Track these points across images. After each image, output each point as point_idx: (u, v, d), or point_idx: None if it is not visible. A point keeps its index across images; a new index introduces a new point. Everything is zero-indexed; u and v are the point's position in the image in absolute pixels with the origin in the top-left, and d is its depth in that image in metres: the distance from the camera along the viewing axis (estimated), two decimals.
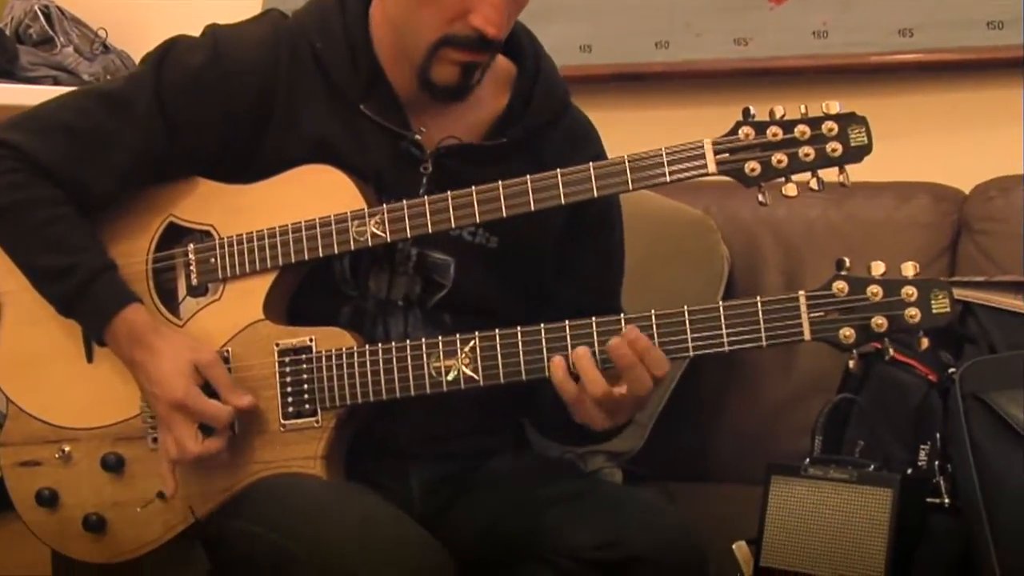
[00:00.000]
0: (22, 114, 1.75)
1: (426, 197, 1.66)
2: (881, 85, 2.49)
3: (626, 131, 1.91)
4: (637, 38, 2.62)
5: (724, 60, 2.57)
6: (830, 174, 1.57)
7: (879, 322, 1.49)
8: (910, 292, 1.48)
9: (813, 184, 1.57)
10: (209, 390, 1.68)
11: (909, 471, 1.78)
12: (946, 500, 1.78)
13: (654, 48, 2.62)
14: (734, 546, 1.78)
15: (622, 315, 1.58)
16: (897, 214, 2.33)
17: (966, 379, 1.78)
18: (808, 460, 1.78)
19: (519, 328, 1.61)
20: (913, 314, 1.48)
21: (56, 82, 2.68)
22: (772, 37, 2.54)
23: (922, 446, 1.83)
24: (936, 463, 1.81)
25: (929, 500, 1.78)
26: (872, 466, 1.73)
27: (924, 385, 1.87)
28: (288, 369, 1.69)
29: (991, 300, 1.97)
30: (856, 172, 1.57)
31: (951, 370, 1.83)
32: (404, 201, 1.66)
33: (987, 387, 1.76)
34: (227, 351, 1.71)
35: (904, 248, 2.28)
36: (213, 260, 1.73)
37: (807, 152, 1.55)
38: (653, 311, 1.56)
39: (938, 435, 1.82)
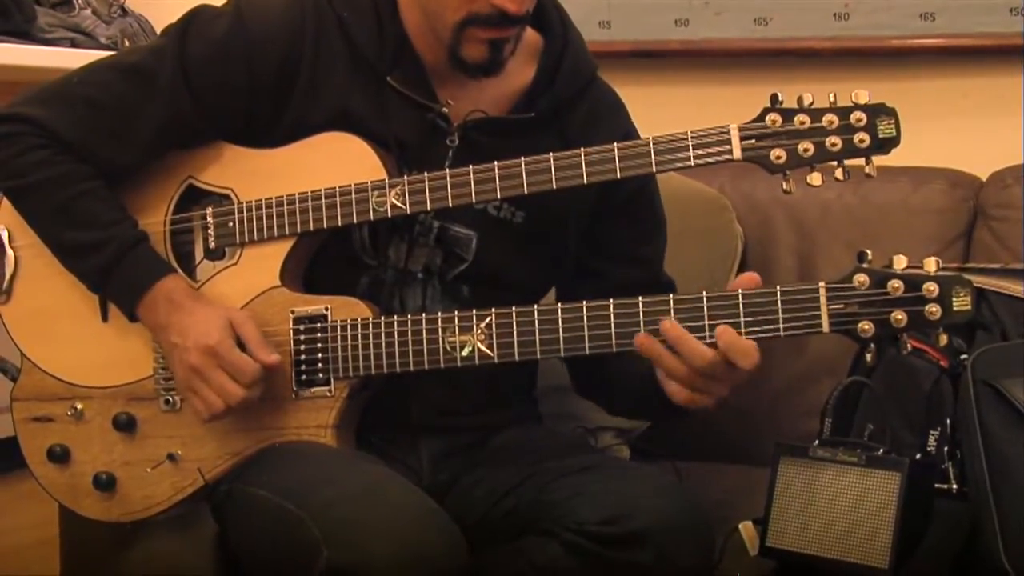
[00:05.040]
0: (44, 88, 1.74)
1: (448, 170, 1.66)
2: (901, 69, 2.48)
3: (643, 108, 1.90)
4: (656, 15, 2.62)
5: (743, 39, 2.57)
6: (854, 160, 1.57)
7: (898, 317, 1.48)
8: (931, 288, 1.47)
9: (839, 174, 1.57)
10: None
11: (918, 456, 1.78)
12: (954, 486, 1.78)
13: (673, 25, 2.62)
14: (740, 526, 1.78)
15: (640, 299, 1.57)
16: (913, 198, 2.32)
17: (978, 365, 1.77)
18: (817, 442, 1.77)
19: (536, 306, 1.61)
20: (933, 310, 1.47)
21: (73, 44, 2.67)
22: (792, 17, 2.53)
23: (931, 431, 1.83)
24: (945, 448, 1.80)
25: (937, 485, 1.78)
26: (881, 450, 1.73)
27: (935, 370, 1.86)
28: (303, 337, 1.69)
29: (1005, 287, 1.96)
30: None
31: (963, 356, 1.83)
32: (425, 173, 1.66)
33: (999, 374, 1.76)
34: None
35: (919, 233, 2.28)
36: (231, 224, 1.73)
37: (834, 142, 1.55)
38: (672, 296, 1.56)
39: (948, 421, 1.81)
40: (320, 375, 1.69)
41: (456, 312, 1.64)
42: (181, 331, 1.68)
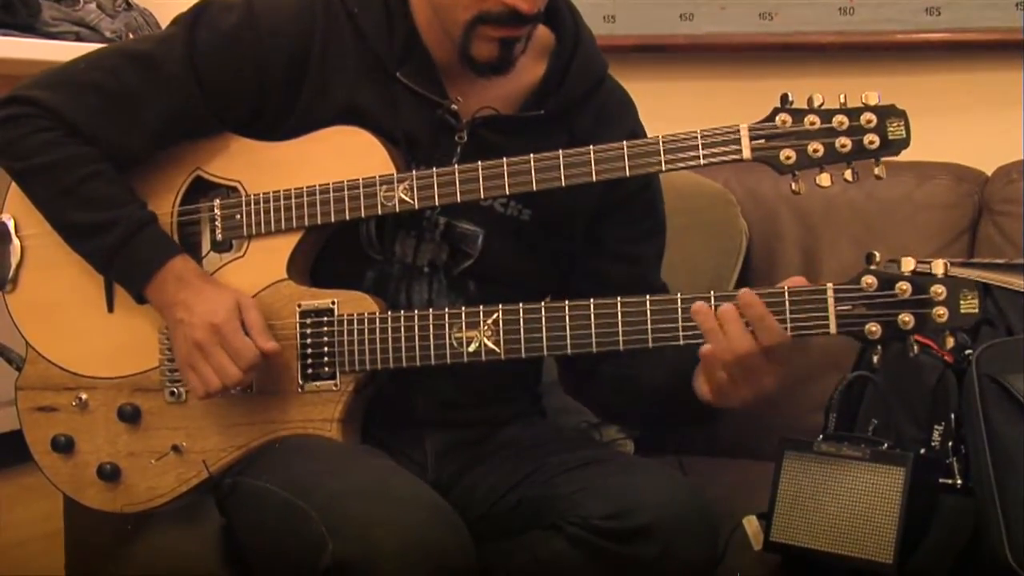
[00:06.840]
0: (51, 72, 1.74)
1: (456, 166, 1.66)
2: (906, 63, 2.48)
3: (648, 103, 1.90)
4: (661, 9, 2.62)
5: (749, 34, 2.57)
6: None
7: (906, 319, 1.48)
8: (939, 291, 1.47)
9: (848, 175, 1.57)
10: None
11: (922, 451, 1.78)
12: (958, 481, 1.78)
13: (678, 20, 2.62)
14: (744, 520, 1.78)
15: (647, 296, 1.57)
16: (917, 193, 2.32)
17: (983, 360, 1.77)
18: (821, 437, 1.77)
19: (543, 304, 1.61)
20: (941, 313, 1.47)
21: (78, 38, 2.67)
22: (798, 12, 2.54)
23: (936, 426, 1.83)
24: (950, 444, 1.80)
25: (942, 480, 1.78)
26: (885, 445, 1.73)
27: (940, 365, 1.86)
28: (309, 331, 1.69)
29: (1010, 282, 1.96)
30: None
31: (967, 351, 1.82)
32: (434, 169, 1.66)
33: (1004, 369, 1.76)
34: None
35: (923, 228, 2.28)
36: (239, 216, 1.73)
37: (844, 143, 1.55)
38: (679, 294, 1.56)
39: (953, 416, 1.81)
40: (326, 369, 1.69)
41: (463, 308, 1.64)
42: (188, 307, 1.68)
